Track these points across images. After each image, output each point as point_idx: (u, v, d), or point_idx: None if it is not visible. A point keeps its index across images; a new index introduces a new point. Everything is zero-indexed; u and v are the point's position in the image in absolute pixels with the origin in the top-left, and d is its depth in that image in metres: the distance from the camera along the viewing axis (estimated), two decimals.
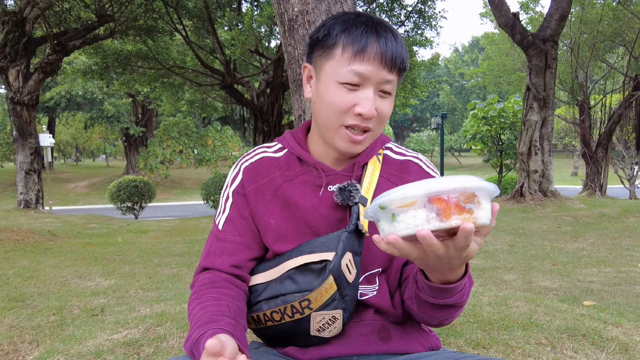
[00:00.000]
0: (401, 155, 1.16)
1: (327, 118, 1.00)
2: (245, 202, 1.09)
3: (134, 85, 16.39)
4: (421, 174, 1.12)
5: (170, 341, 2.69)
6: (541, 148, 10.65)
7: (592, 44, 14.77)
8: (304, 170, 1.09)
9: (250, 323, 1.04)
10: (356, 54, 0.95)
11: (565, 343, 2.42)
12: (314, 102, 1.05)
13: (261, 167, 1.11)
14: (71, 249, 6.41)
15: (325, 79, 1.00)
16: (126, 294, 4.09)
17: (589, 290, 4.10)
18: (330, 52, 0.98)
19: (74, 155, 47.34)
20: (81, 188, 24.49)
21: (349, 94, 0.97)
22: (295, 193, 1.07)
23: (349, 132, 0.99)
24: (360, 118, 0.97)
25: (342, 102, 0.97)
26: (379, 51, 0.94)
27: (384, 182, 1.09)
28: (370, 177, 1.08)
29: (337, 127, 1.00)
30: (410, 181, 1.10)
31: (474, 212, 0.65)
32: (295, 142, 1.12)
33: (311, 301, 0.96)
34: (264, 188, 1.09)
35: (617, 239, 6.69)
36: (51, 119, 29.45)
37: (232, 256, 1.07)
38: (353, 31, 0.96)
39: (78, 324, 3.24)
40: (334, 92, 0.98)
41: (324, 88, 1.00)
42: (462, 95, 54.97)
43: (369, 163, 1.09)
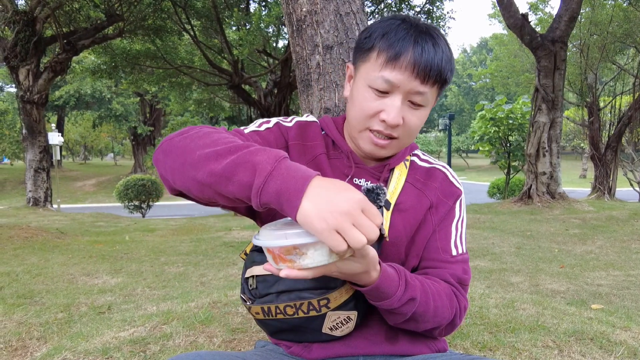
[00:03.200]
0: (427, 162, 1.16)
1: (355, 119, 1.01)
2: (281, 141, 1.09)
3: (142, 85, 16.49)
4: (445, 183, 1.12)
5: (177, 339, 2.70)
6: (549, 150, 10.58)
7: (602, 45, 14.63)
8: (336, 155, 1.10)
9: (259, 313, 1.03)
10: (389, 60, 0.94)
11: (572, 346, 2.40)
12: (348, 101, 1.06)
13: (311, 131, 1.11)
14: (79, 246, 6.45)
15: (358, 81, 1.01)
16: (133, 292, 4.11)
17: (597, 293, 4.07)
18: (367, 54, 0.99)
19: (82, 153, 47.67)
20: (89, 186, 24.66)
21: (377, 100, 0.97)
22: (328, 170, 1.07)
23: (373, 135, 1.00)
24: (384, 124, 0.97)
25: (369, 107, 0.98)
26: (412, 60, 0.92)
27: (409, 187, 1.09)
28: (397, 182, 1.08)
29: (363, 130, 1.01)
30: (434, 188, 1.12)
31: (296, 261, 0.74)
32: (334, 127, 1.13)
33: (330, 300, 0.95)
34: (306, 150, 1.09)
35: (626, 242, 6.63)
36: (60, 118, 29.69)
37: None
38: (391, 36, 0.95)
39: (85, 322, 3.26)
40: (362, 95, 0.98)
41: (356, 89, 1.01)
42: (470, 96, 54.76)
43: (396, 168, 1.10)
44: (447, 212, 1.10)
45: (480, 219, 9.02)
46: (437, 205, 1.09)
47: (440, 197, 1.10)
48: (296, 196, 0.70)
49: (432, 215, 1.09)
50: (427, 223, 1.08)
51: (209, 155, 0.79)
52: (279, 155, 0.75)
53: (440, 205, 1.09)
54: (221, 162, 0.77)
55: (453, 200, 1.11)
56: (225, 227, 8.57)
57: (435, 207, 1.09)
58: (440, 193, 1.10)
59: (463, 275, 1.07)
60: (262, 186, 0.72)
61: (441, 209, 1.09)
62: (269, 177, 0.72)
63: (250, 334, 2.67)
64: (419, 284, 0.96)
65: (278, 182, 0.72)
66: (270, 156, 0.75)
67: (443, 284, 1.03)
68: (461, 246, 1.10)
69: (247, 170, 0.74)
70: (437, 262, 1.06)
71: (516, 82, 20.30)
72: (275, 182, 0.72)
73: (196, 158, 0.80)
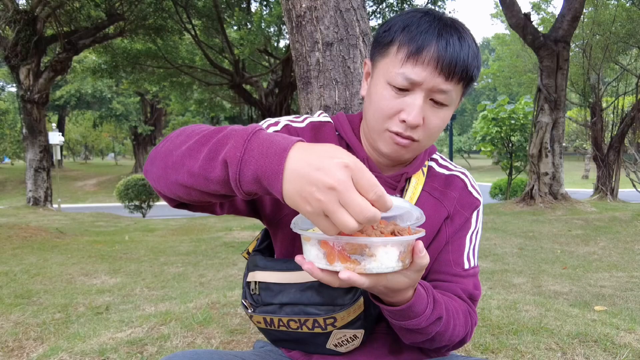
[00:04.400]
0: (446, 169, 1.09)
1: (373, 120, 0.93)
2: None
3: (143, 84, 16.49)
4: (464, 192, 1.06)
5: (174, 340, 2.66)
6: (552, 150, 10.53)
7: (605, 45, 14.58)
8: None
9: (260, 322, 0.97)
10: (410, 55, 0.86)
11: (576, 349, 2.36)
12: (365, 100, 0.98)
13: (324, 132, 1.02)
14: (78, 246, 6.42)
15: (377, 78, 0.93)
16: (131, 293, 4.08)
17: (601, 295, 4.02)
18: (386, 49, 0.91)
19: (83, 153, 47.74)
20: (90, 186, 24.67)
21: (397, 98, 0.89)
22: None
23: (394, 135, 0.91)
24: (404, 125, 0.89)
25: (387, 106, 0.89)
26: (436, 55, 0.84)
27: (426, 196, 1.02)
28: (413, 191, 1.01)
29: (382, 131, 0.92)
30: (452, 198, 1.05)
31: (361, 262, 0.65)
32: (350, 129, 1.03)
33: (337, 319, 0.89)
34: None
35: (629, 243, 6.58)
36: (61, 117, 29.74)
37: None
38: (413, 29, 0.86)
39: (83, 322, 3.23)
40: (381, 94, 0.90)
41: (374, 87, 0.93)
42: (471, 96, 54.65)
43: (413, 176, 1.02)
44: (463, 224, 1.04)
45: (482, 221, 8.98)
46: (453, 216, 1.03)
47: (458, 207, 1.03)
48: (276, 179, 0.61)
49: (447, 226, 1.03)
50: (442, 234, 1.02)
51: (184, 153, 0.71)
52: (248, 132, 0.66)
53: (456, 216, 1.03)
54: (196, 158, 0.69)
55: (470, 211, 1.05)
56: (225, 227, 8.54)
57: (451, 218, 1.03)
58: (458, 203, 1.04)
59: (474, 291, 1.01)
60: (237, 177, 0.64)
61: (457, 220, 1.03)
62: (242, 164, 0.63)
63: (249, 336, 2.64)
64: (442, 301, 0.90)
65: (252, 166, 0.63)
66: (238, 137, 0.65)
67: (459, 301, 0.97)
68: (473, 259, 1.04)
69: (220, 164, 0.65)
70: (448, 276, 1.00)
71: (518, 82, 20.26)
72: (249, 167, 0.63)
73: (174, 159, 0.73)
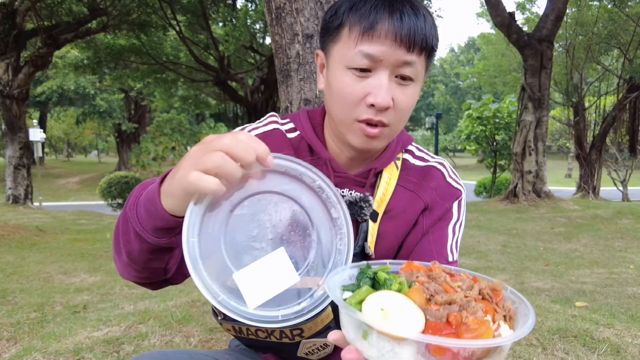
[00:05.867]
0: (422, 160, 1.03)
1: (338, 112, 0.87)
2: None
3: (126, 81, 16.27)
4: (443, 183, 1.00)
5: (152, 339, 2.61)
6: (535, 149, 10.63)
7: (588, 45, 14.77)
8: (314, 162, 0.93)
9: (230, 330, 0.92)
10: (364, 32, 0.81)
11: (556, 344, 2.36)
12: (325, 94, 0.92)
13: (272, 140, 0.95)
14: (58, 244, 6.30)
15: (333, 66, 0.87)
16: (111, 291, 4.00)
17: (582, 291, 4.06)
18: (337, 33, 0.86)
19: (66, 150, 46.99)
20: (72, 184, 24.29)
21: (360, 82, 0.83)
22: None
23: (364, 126, 0.85)
24: (373, 110, 0.83)
25: (351, 93, 0.83)
26: (392, 27, 0.79)
27: (401, 191, 0.97)
28: (385, 187, 0.95)
29: (350, 122, 0.86)
30: (430, 188, 0.98)
31: None
32: (310, 128, 0.98)
33: (304, 330, 0.85)
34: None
35: (610, 240, 6.67)
36: (43, 114, 29.19)
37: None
38: (361, 7, 0.82)
39: (59, 321, 3.15)
40: (342, 80, 0.84)
41: (332, 77, 0.87)
42: (457, 95, 55.09)
43: (384, 170, 0.97)
44: (444, 214, 0.99)
45: (466, 218, 9.04)
46: (432, 207, 0.98)
47: (437, 198, 0.98)
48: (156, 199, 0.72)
49: (425, 217, 0.98)
50: (418, 226, 0.98)
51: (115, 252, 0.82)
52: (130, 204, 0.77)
53: (436, 206, 0.99)
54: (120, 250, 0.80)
55: (451, 202, 1.00)
56: None
57: (430, 209, 0.98)
58: (437, 194, 0.99)
59: None
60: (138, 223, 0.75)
61: (437, 210, 0.99)
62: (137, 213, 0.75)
63: (228, 334, 2.60)
64: None
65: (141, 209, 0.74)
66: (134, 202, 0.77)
67: None
68: (456, 252, 0.99)
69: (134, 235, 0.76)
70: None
71: (503, 82, 20.44)
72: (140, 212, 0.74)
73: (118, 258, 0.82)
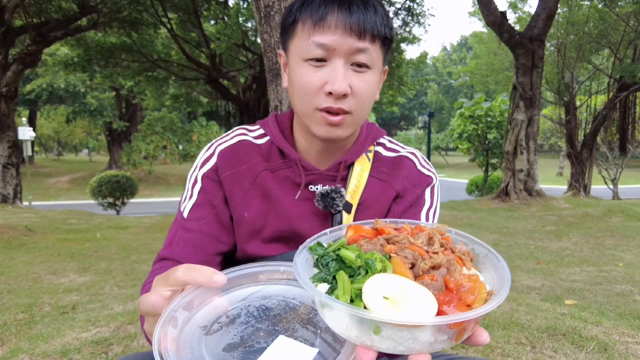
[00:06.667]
0: (393, 151, 1.05)
1: (300, 103, 0.91)
2: (216, 189, 0.98)
3: (117, 79, 16.12)
4: (413, 170, 1.02)
5: (141, 340, 2.59)
6: (527, 147, 10.69)
7: (579, 45, 14.87)
8: (285, 164, 0.99)
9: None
10: (315, 24, 0.85)
11: (545, 342, 2.37)
12: (289, 91, 0.96)
13: (240, 152, 0.99)
14: (47, 244, 6.23)
15: (292, 62, 0.91)
16: (100, 291, 3.96)
17: (571, 289, 4.08)
18: (292, 30, 0.91)
19: (56, 149, 46.56)
20: (63, 183, 24.06)
21: (317, 72, 0.87)
22: (275, 186, 0.97)
23: (325, 114, 0.88)
24: (331, 98, 0.86)
25: (309, 83, 0.87)
26: (341, 17, 0.84)
27: (373, 182, 0.99)
28: (358, 178, 0.98)
29: (312, 112, 0.90)
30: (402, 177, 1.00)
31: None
32: (278, 132, 1.01)
33: None
34: (242, 175, 0.98)
35: (600, 238, 6.71)
36: (32, 112, 28.87)
37: (198, 249, 0.96)
38: (311, 2, 0.87)
39: (47, 322, 3.12)
40: (300, 73, 0.88)
41: (292, 72, 0.92)
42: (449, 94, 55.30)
43: (355, 163, 0.99)
44: (415, 200, 1.01)
45: (457, 216, 9.06)
46: (403, 195, 1.00)
47: (408, 185, 1.00)
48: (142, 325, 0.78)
49: (397, 205, 1.00)
50: (390, 214, 1.00)
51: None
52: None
53: (407, 194, 1.00)
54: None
55: (422, 188, 1.02)
56: None
57: (401, 197, 1.00)
58: (408, 182, 1.01)
59: None
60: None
61: (408, 197, 1.00)
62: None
63: None
64: None
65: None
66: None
67: None
68: None
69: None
70: None
71: (495, 81, 20.53)
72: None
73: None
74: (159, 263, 0.96)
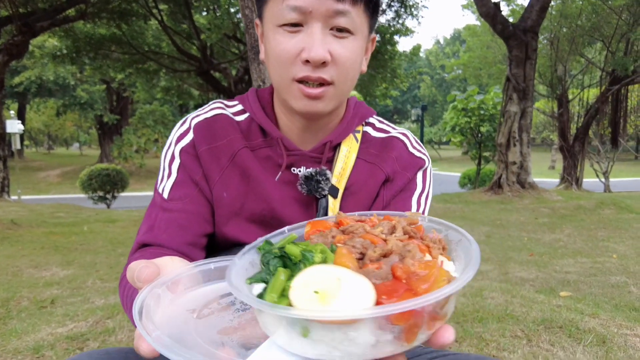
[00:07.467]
0: (383, 132, 0.96)
1: (276, 74, 0.81)
2: (196, 164, 0.88)
3: (107, 71, 15.86)
4: (404, 152, 0.93)
5: (119, 335, 2.47)
6: (520, 140, 10.63)
7: (572, 38, 14.82)
8: (267, 143, 0.90)
9: None
10: None
11: (541, 335, 2.29)
12: (266, 61, 0.86)
13: (217, 126, 0.89)
14: (32, 238, 6.08)
15: (267, 29, 0.82)
16: (83, 285, 3.84)
17: (566, 281, 4.02)
18: None
19: (46, 143, 46.05)
20: (53, 177, 23.78)
21: (292, 38, 0.77)
22: (256, 165, 0.87)
23: (302, 86, 0.79)
24: (309, 67, 0.77)
25: (284, 50, 0.78)
26: None
27: (361, 164, 0.91)
28: (345, 160, 0.89)
29: (288, 83, 0.80)
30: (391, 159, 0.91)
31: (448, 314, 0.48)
32: (259, 107, 0.91)
33: None
34: (220, 151, 0.88)
35: (592, 230, 6.67)
36: (22, 105, 28.46)
37: (184, 230, 0.85)
38: None
39: (23, 317, 3.00)
40: (274, 40, 0.79)
41: (267, 40, 0.83)
42: (442, 87, 55.30)
43: (342, 144, 0.90)
44: (406, 185, 0.92)
45: (450, 209, 9.00)
46: (393, 178, 0.91)
47: (398, 168, 0.92)
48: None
49: (386, 189, 0.91)
50: (379, 199, 0.91)
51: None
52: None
53: (397, 177, 0.92)
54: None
55: (413, 172, 0.93)
56: None
57: (391, 181, 0.91)
58: (399, 164, 0.92)
59: None
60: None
61: (398, 181, 0.92)
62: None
63: None
64: None
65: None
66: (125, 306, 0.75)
67: None
68: None
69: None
70: None
71: (488, 74, 20.48)
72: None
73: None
74: (139, 251, 0.84)
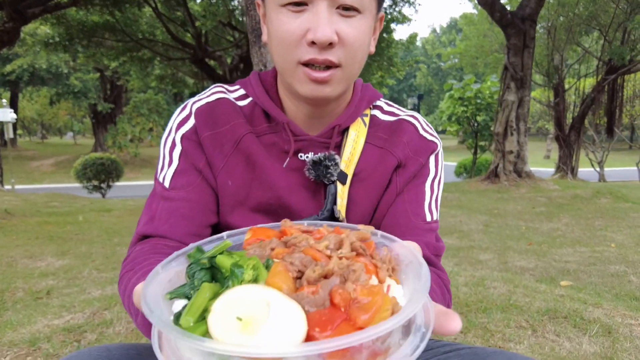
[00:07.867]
0: (392, 115, 0.92)
1: (280, 57, 0.76)
2: (199, 151, 0.84)
3: (100, 59, 15.63)
4: (415, 136, 0.89)
5: (117, 326, 2.43)
6: (517, 128, 10.60)
7: (569, 27, 14.74)
8: (272, 129, 0.85)
9: None
10: None
11: (546, 326, 2.26)
12: (268, 44, 0.82)
13: (219, 111, 0.85)
14: (26, 228, 6.01)
15: (269, 9, 0.77)
16: (78, 275, 3.79)
17: (565, 270, 4.01)
18: None
19: (40, 132, 45.60)
20: (47, 166, 23.57)
21: (297, 18, 0.73)
22: (261, 152, 0.83)
23: (308, 69, 0.74)
24: (315, 49, 0.72)
25: (288, 31, 0.73)
26: None
27: (370, 149, 0.87)
28: (353, 145, 0.85)
29: (294, 67, 0.75)
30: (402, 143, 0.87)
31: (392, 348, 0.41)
32: (263, 91, 0.87)
33: None
34: (223, 137, 0.83)
35: (590, 219, 6.67)
36: (14, 94, 28.10)
37: (187, 220, 0.81)
38: None
39: (18, 309, 2.94)
40: (277, 21, 0.74)
41: (269, 21, 0.78)
42: (439, 76, 55.10)
43: (351, 128, 0.86)
44: (419, 170, 0.88)
45: (447, 197, 8.98)
46: (405, 164, 0.87)
47: (410, 153, 0.88)
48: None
49: (399, 176, 0.87)
50: (392, 186, 0.87)
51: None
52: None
53: (409, 163, 0.87)
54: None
55: (426, 156, 0.89)
56: None
57: (403, 167, 0.87)
58: (410, 149, 0.88)
59: (437, 244, 0.86)
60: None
61: (410, 167, 0.87)
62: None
63: None
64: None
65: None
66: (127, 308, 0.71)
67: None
68: (436, 212, 0.89)
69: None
70: (406, 229, 0.83)
71: (485, 62, 20.37)
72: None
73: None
74: (140, 244, 0.80)
